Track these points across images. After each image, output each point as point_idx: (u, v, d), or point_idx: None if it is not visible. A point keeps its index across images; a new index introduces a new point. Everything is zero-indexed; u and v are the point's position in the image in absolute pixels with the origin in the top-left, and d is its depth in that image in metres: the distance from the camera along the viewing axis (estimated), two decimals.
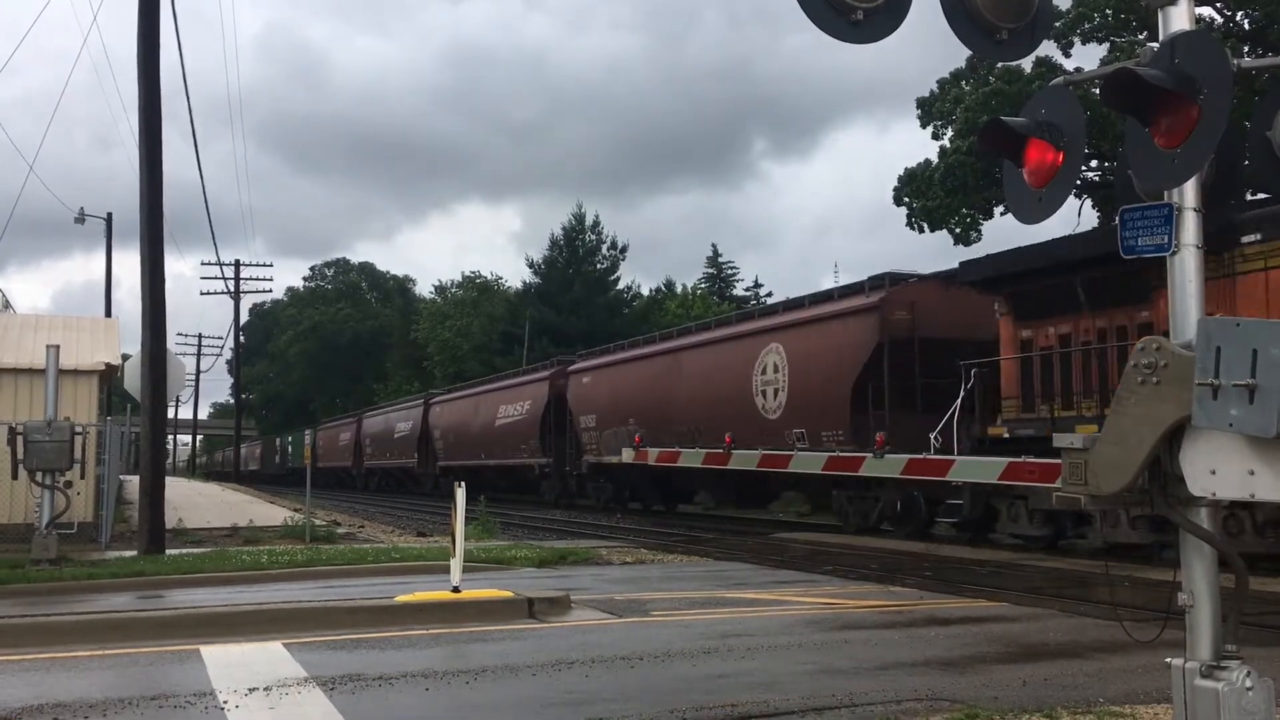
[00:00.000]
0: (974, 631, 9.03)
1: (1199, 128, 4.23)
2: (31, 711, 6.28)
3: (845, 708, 6.22)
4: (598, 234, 62.43)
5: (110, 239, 43.00)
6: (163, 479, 16.88)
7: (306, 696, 6.63)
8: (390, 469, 54.08)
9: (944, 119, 32.77)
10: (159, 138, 16.51)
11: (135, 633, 8.93)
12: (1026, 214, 4.94)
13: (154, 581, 12.90)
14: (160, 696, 6.73)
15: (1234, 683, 4.13)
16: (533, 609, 9.98)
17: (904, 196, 33.63)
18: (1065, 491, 4.49)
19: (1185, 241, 4.39)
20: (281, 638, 8.70)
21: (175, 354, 18.98)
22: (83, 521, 17.63)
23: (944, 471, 16.63)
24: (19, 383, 18.65)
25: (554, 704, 6.45)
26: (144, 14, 16.54)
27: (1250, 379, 3.84)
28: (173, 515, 22.46)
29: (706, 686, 6.84)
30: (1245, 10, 29.49)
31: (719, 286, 71.84)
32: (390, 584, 12.07)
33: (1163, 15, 4.56)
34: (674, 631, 9.14)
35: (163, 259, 16.54)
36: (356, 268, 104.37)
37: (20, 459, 14.69)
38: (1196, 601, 4.28)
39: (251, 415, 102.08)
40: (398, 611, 9.81)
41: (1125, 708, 6.10)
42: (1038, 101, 4.93)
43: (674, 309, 60.27)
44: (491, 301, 68.13)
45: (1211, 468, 4.07)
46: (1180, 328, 4.35)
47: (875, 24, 4.60)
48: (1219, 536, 4.34)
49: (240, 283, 63.44)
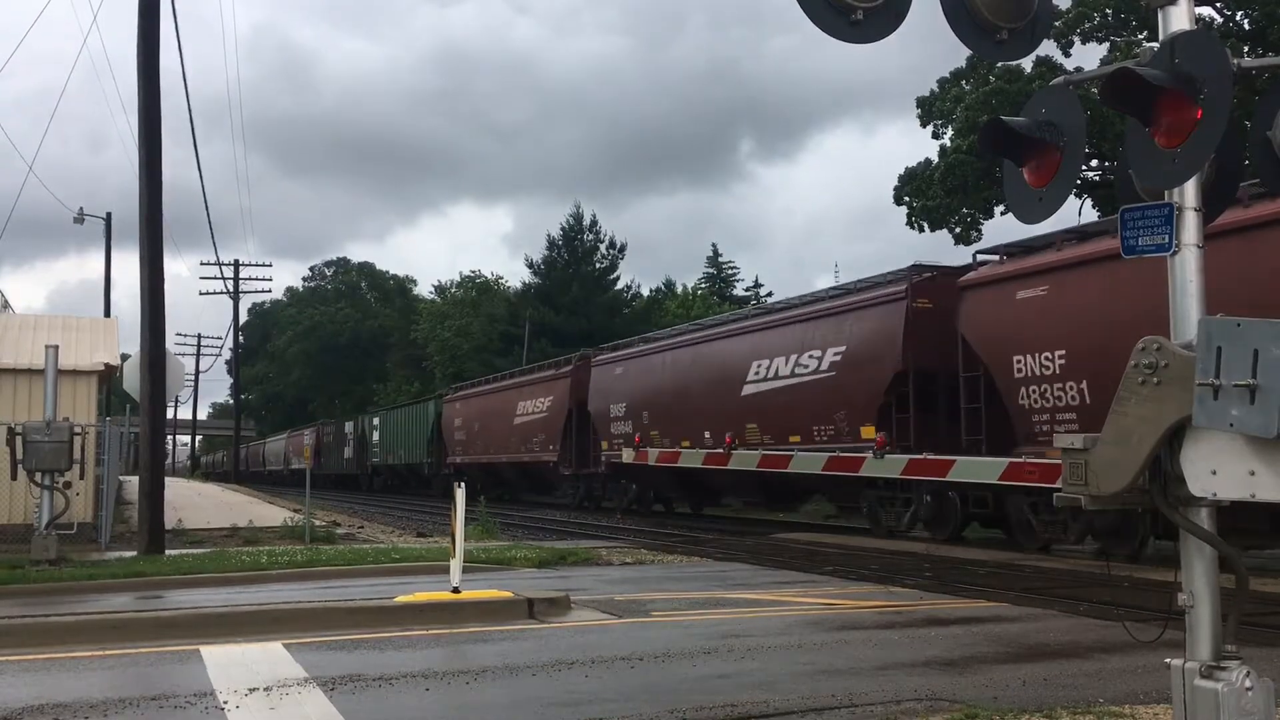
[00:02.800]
0: (974, 632, 9.02)
1: (1199, 128, 4.22)
2: (31, 711, 6.28)
3: (845, 708, 6.22)
4: (596, 234, 62.49)
5: (110, 239, 43.13)
6: (162, 479, 16.88)
7: (306, 697, 6.63)
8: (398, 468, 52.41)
9: (944, 118, 32.81)
10: (159, 138, 16.51)
11: (135, 633, 8.92)
12: (1027, 214, 4.94)
13: (154, 582, 12.90)
14: (160, 697, 6.73)
15: (1234, 683, 4.12)
16: (533, 609, 9.98)
17: (904, 196, 33.66)
18: (1066, 492, 4.49)
19: (1185, 241, 4.39)
20: (281, 638, 8.69)
21: (174, 354, 18.97)
22: (82, 522, 17.63)
23: (944, 472, 16.62)
24: (18, 383, 18.65)
25: (554, 704, 6.45)
26: (144, 14, 16.55)
27: (1251, 379, 3.84)
28: (172, 515, 22.46)
29: (707, 687, 6.84)
30: (1245, 10, 29.49)
31: (719, 286, 71.87)
32: (390, 584, 12.07)
33: (1162, 15, 4.56)
34: (674, 632, 9.14)
35: (162, 259, 16.55)
36: (356, 268, 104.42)
37: (20, 459, 14.70)
38: (1196, 602, 4.28)
39: (251, 415, 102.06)
40: (398, 612, 9.80)
41: (1125, 708, 6.09)
42: (1038, 101, 4.93)
43: (674, 309, 60.28)
44: (491, 302, 68.12)
45: (1212, 468, 4.06)
46: (1180, 328, 4.34)
47: (875, 24, 4.59)
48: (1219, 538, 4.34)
49: (239, 283, 63.48)
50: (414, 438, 47.46)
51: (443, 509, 26.83)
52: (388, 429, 51.82)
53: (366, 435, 54.95)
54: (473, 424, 40.67)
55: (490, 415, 38.77)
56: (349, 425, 59.99)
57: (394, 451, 50.10)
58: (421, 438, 46.19)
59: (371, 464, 54.20)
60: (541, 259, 62.30)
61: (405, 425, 49.46)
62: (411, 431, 48.05)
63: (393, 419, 52.20)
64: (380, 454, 52.28)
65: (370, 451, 53.96)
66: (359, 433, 56.73)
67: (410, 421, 48.78)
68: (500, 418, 37.38)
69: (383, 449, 51.99)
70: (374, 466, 54.03)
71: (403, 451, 49.11)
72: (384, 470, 53.59)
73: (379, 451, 52.51)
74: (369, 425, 54.81)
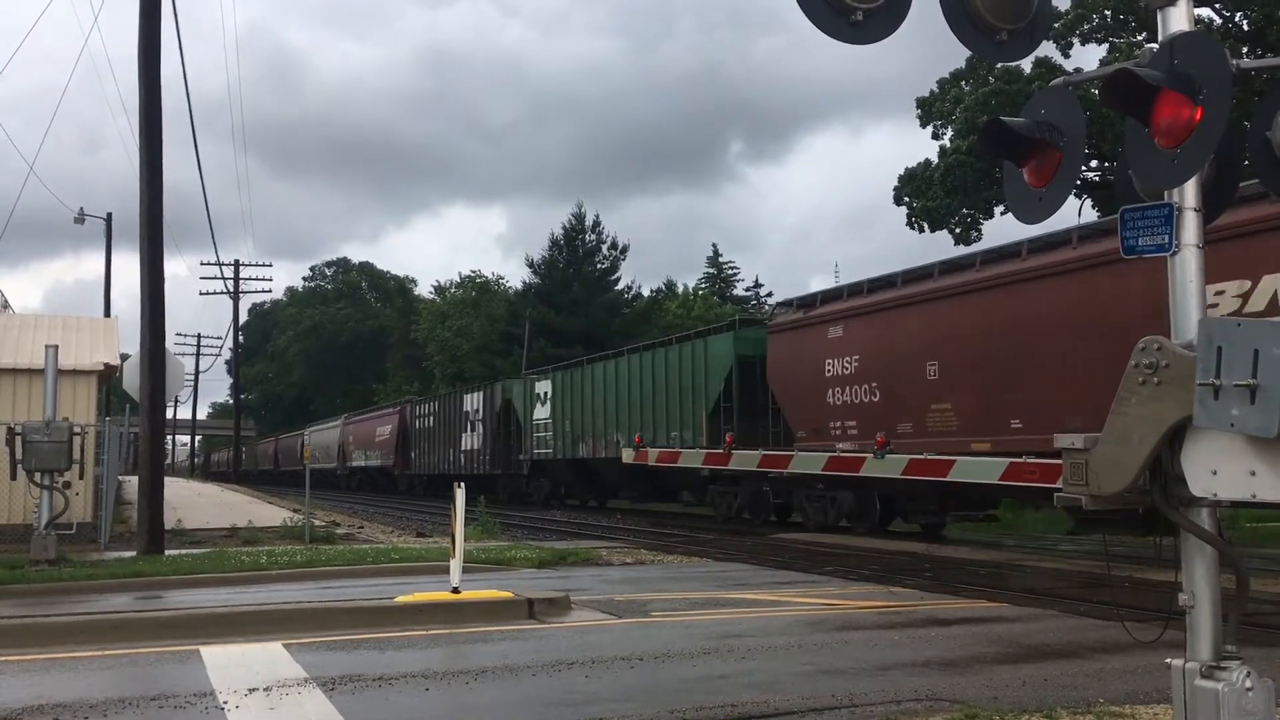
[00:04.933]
0: (974, 632, 9.02)
1: (1199, 128, 4.22)
2: (31, 711, 6.28)
3: (845, 708, 6.22)
4: (598, 234, 62.47)
5: (110, 239, 43.20)
6: (161, 479, 16.87)
7: (306, 697, 6.63)
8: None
9: (944, 119, 32.83)
10: (159, 137, 16.51)
11: (135, 633, 8.92)
12: (1026, 214, 4.94)
13: (153, 582, 12.89)
14: (160, 697, 6.73)
15: (1234, 683, 4.12)
16: (533, 609, 9.98)
17: (904, 196, 33.67)
18: (1066, 491, 4.49)
19: (1185, 241, 4.39)
20: (281, 638, 8.69)
21: (174, 354, 18.96)
22: (82, 522, 17.63)
23: (944, 472, 16.63)
24: (18, 383, 18.65)
25: (554, 704, 6.45)
26: (145, 13, 16.54)
27: (1251, 379, 3.83)
28: (172, 516, 22.46)
29: (707, 687, 6.84)
30: (1245, 11, 29.50)
31: (719, 286, 71.91)
32: (390, 584, 12.06)
33: (1162, 16, 4.56)
34: (674, 632, 9.14)
35: (162, 259, 16.55)
36: (357, 268, 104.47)
37: (19, 459, 14.70)
38: (1197, 602, 4.28)
39: (251, 415, 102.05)
40: (397, 612, 9.80)
41: (1125, 708, 6.09)
42: (1038, 101, 4.93)
43: (674, 309, 60.30)
44: (491, 302, 68.10)
45: (1213, 468, 4.06)
46: (1181, 328, 4.34)
47: (875, 24, 4.60)
48: (1220, 537, 4.34)
49: (239, 283, 63.47)
50: (678, 401, 25.55)
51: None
52: (582, 393, 31.11)
53: (520, 411, 35.56)
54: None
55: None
56: (471, 399, 40.42)
57: (598, 436, 30.05)
58: (700, 401, 24.54)
59: (532, 457, 34.54)
60: (542, 259, 62.32)
61: (655, 381, 26.75)
62: (674, 389, 25.73)
63: (599, 376, 30.22)
64: (565, 438, 32.10)
65: (531, 437, 34.45)
66: (497, 407, 37.55)
67: (670, 371, 26.03)
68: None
69: (567, 430, 31.94)
70: (537, 461, 34.38)
71: (645, 433, 26.71)
72: (562, 468, 33.52)
73: (560, 435, 32.47)
74: (527, 394, 35.09)
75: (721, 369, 24.10)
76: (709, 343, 24.95)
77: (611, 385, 29.51)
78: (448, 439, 42.86)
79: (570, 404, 31.93)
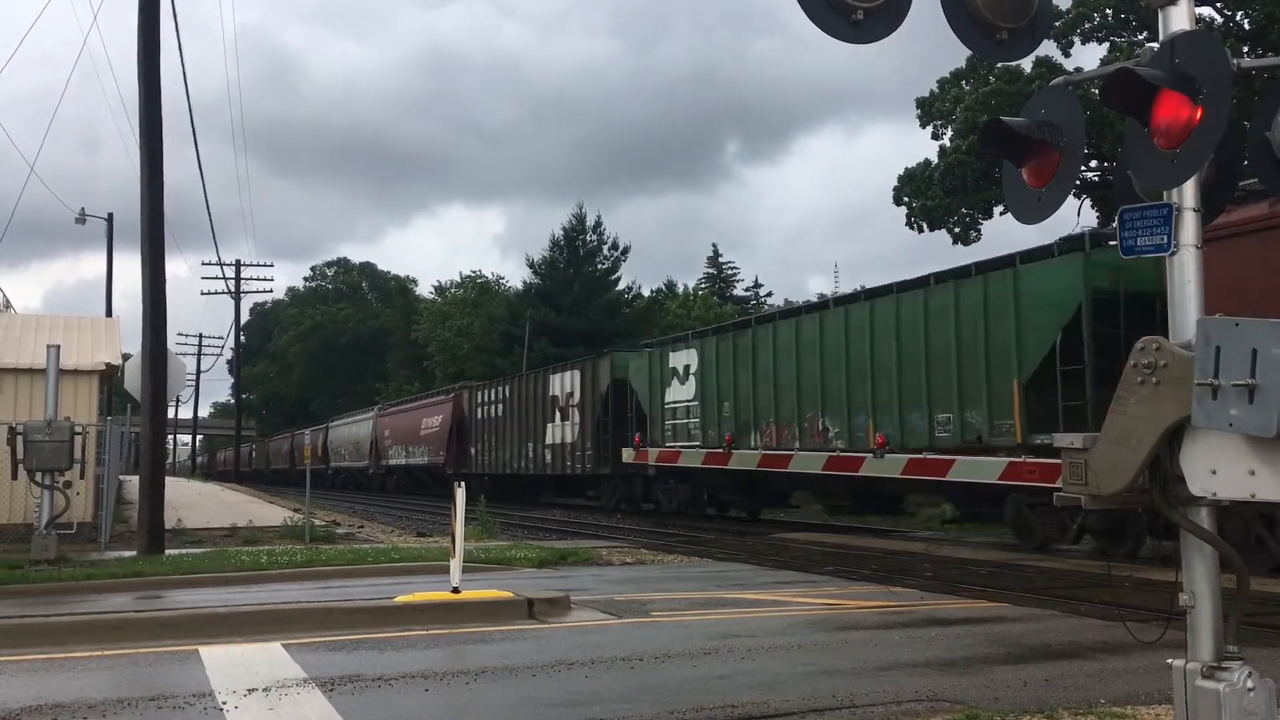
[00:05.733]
0: (975, 632, 9.02)
1: (1199, 128, 4.21)
2: (31, 711, 6.28)
3: (846, 708, 6.22)
4: (598, 235, 62.49)
5: (111, 239, 43.05)
6: (162, 479, 16.88)
7: (306, 697, 6.62)
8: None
9: (944, 119, 32.81)
10: (159, 137, 16.51)
11: (134, 633, 8.92)
12: (1026, 214, 4.94)
13: (153, 582, 12.90)
14: (159, 697, 6.73)
15: (1235, 683, 4.11)
16: (533, 610, 9.97)
17: (904, 196, 33.66)
18: (1066, 491, 4.48)
19: (1185, 241, 4.38)
20: (281, 638, 8.69)
21: (175, 354, 18.96)
22: (82, 522, 17.63)
23: (944, 472, 16.62)
24: (19, 382, 18.66)
25: (554, 705, 6.45)
26: (144, 13, 16.54)
27: (1250, 379, 3.83)
28: (172, 515, 22.46)
29: (707, 687, 6.84)
30: (1245, 10, 29.47)
31: (719, 287, 71.91)
32: (390, 584, 12.06)
33: (1163, 15, 4.55)
34: (674, 632, 9.13)
35: (163, 259, 16.55)
36: (357, 268, 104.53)
37: (20, 459, 14.70)
38: (1198, 602, 4.27)
39: (252, 415, 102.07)
40: (397, 612, 9.80)
41: (1126, 708, 6.09)
42: (1038, 101, 4.92)
43: (674, 309, 60.30)
44: (492, 302, 68.14)
45: (1212, 468, 4.06)
46: (1180, 328, 4.33)
47: (875, 24, 4.59)
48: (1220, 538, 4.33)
49: (241, 282, 63.50)
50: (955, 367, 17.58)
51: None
52: (754, 364, 22.83)
53: (643, 392, 27.41)
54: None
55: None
56: (562, 380, 32.78)
57: (783, 423, 21.74)
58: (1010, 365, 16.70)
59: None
60: (542, 259, 62.33)
61: (902, 341, 18.54)
62: (945, 351, 17.76)
63: (783, 339, 22.03)
64: (721, 427, 23.77)
65: (661, 427, 26.13)
66: (603, 389, 30.05)
67: (935, 322, 17.91)
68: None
69: (726, 415, 23.63)
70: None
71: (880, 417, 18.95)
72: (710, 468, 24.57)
73: (712, 423, 24.15)
74: (655, 370, 26.81)
75: (1056, 313, 15.44)
76: (1028, 274, 16.05)
77: (812, 349, 20.65)
78: (524, 430, 34.84)
79: (733, 378, 23.19)
